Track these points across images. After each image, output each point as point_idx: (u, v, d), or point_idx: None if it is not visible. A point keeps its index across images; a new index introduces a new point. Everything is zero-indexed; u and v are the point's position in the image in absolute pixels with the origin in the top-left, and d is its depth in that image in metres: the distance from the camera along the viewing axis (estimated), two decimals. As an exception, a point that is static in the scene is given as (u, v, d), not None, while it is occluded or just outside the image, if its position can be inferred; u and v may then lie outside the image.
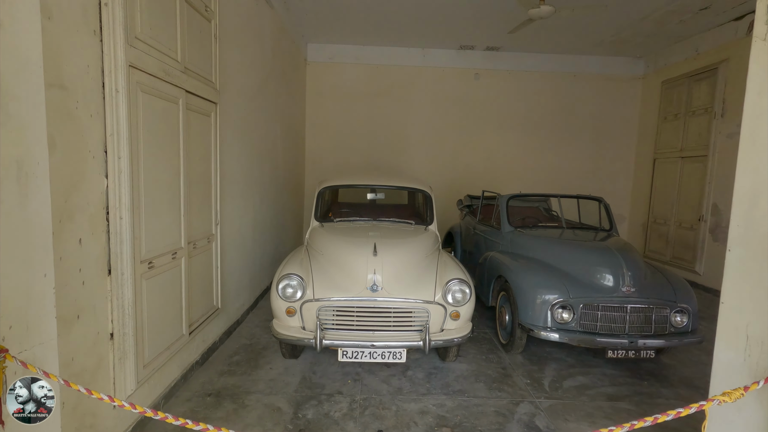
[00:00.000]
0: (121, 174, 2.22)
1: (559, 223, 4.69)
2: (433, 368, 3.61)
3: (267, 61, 5.28)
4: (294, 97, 7.07)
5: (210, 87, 3.38)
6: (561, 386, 3.39)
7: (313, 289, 3.18)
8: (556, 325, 3.47)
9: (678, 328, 3.48)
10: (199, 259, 3.29)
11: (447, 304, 3.20)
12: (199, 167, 3.26)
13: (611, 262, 3.54)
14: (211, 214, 3.55)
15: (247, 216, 4.63)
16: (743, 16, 5.96)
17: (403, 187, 4.59)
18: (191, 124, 3.06)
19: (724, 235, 6.24)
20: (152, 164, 2.53)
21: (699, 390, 3.39)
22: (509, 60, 8.16)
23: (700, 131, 6.71)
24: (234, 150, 4.11)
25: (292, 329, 3.20)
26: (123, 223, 2.24)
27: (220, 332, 3.88)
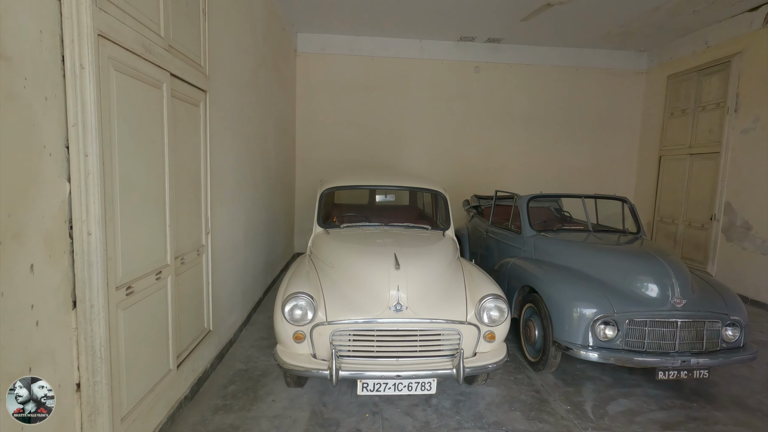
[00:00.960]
0: (88, 176, 1.70)
1: (585, 225, 4.31)
2: (459, 394, 3.17)
3: (259, 48, 4.74)
4: (285, 89, 6.53)
5: (199, 72, 2.86)
6: (606, 412, 3.00)
7: (325, 310, 2.69)
8: (598, 343, 3.08)
9: (730, 343, 3.14)
10: (188, 275, 2.77)
11: (481, 324, 2.76)
12: (187, 166, 2.74)
13: (658, 271, 3.17)
14: (201, 221, 3.03)
15: (239, 221, 4.10)
16: (759, 7, 5.72)
17: (416, 187, 4.13)
18: (178, 115, 2.54)
19: (739, 234, 6.04)
20: (130, 163, 2.01)
21: (755, 412, 3.05)
22: (510, 53, 7.79)
23: (711, 127, 6.47)
24: (225, 146, 3.58)
25: (300, 358, 2.71)
26: (92, 241, 1.72)
27: (211, 357, 3.35)
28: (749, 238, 5.81)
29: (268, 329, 4.31)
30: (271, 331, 4.23)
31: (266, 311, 4.84)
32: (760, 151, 5.70)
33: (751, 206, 5.80)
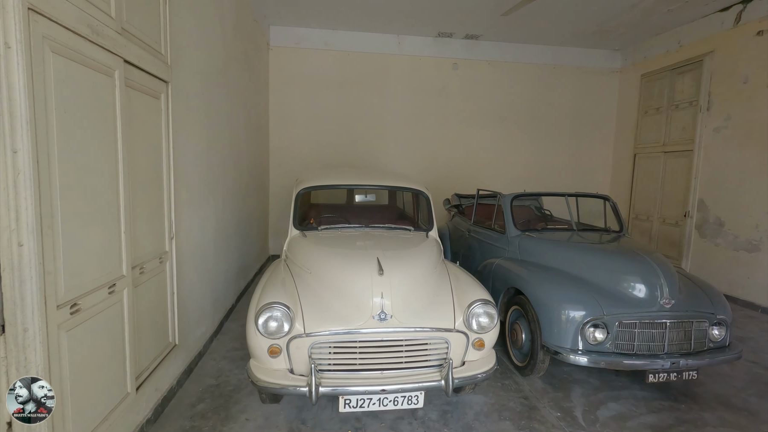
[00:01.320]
0: (18, 176, 1.43)
1: (568, 224, 4.24)
2: (446, 404, 3.01)
3: (228, 39, 4.45)
4: (257, 85, 6.22)
5: (159, 60, 2.58)
6: (597, 418, 2.91)
7: (303, 321, 2.47)
8: (587, 347, 2.98)
9: (716, 342, 3.10)
10: (148, 286, 2.50)
11: (470, 331, 2.61)
12: (146, 165, 2.46)
13: (646, 271, 3.10)
14: (164, 225, 2.75)
15: (208, 224, 3.81)
16: (730, 7, 5.82)
17: (397, 186, 3.94)
18: (134, 107, 2.27)
19: (712, 231, 6.15)
20: (74, 161, 1.74)
21: (741, 412, 3.03)
22: (488, 50, 7.72)
23: (684, 125, 6.57)
24: (192, 143, 3.29)
25: (276, 374, 2.48)
26: (24, 253, 1.46)
27: (177, 373, 3.07)
28: (722, 235, 5.92)
29: (242, 338, 4.04)
30: (244, 341, 3.98)
31: (239, 319, 4.57)
32: (732, 149, 5.81)
33: (724, 203, 5.91)
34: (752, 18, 5.54)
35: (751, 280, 5.48)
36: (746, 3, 5.61)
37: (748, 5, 5.59)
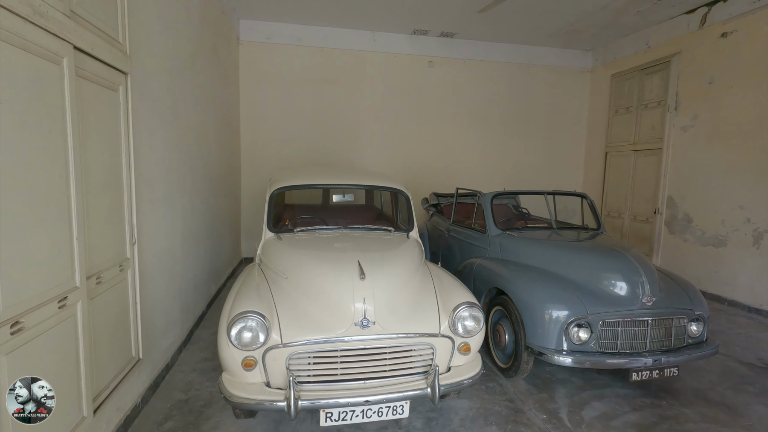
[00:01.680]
0: (-59, 177, 1.22)
1: (548, 223, 4.22)
2: (430, 411, 2.91)
3: (195, 31, 4.20)
4: (227, 80, 5.95)
5: (116, 49, 2.35)
6: (582, 419, 2.87)
7: (279, 331, 2.31)
8: (572, 347, 2.95)
9: (694, 338, 3.14)
10: (107, 297, 2.27)
11: (456, 335, 2.51)
12: (103, 164, 2.24)
13: (628, 269, 3.09)
14: (125, 229, 2.52)
15: (176, 227, 3.57)
16: (695, 9, 5.99)
17: (377, 186, 3.81)
18: (88, 100, 2.05)
19: (680, 227, 6.33)
20: (12, 158, 1.52)
21: (719, 406, 3.07)
22: (463, 48, 7.69)
23: (653, 124, 6.74)
24: (156, 140, 3.06)
25: (251, 388, 2.31)
26: (-50, 266, 1.24)
27: (142, 389, 2.84)
28: (690, 230, 6.10)
29: (213, 347, 3.82)
30: (215, 350, 3.72)
31: (211, 326, 4.33)
32: (699, 148, 5.99)
33: (691, 200, 6.08)
34: (716, 20, 5.71)
35: (718, 274, 5.66)
36: (711, 6, 5.79)
37: (713, 8, 5.76)
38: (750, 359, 3.89)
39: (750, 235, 5.28)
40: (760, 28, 5.19)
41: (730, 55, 5.54)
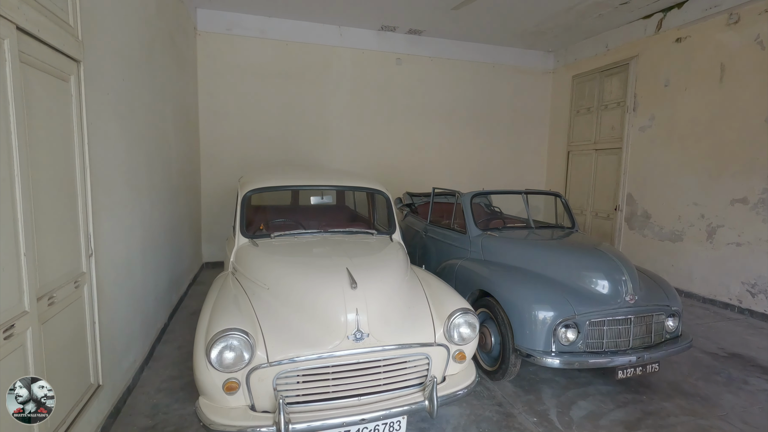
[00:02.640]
0: None
1: (525, 222, 4.23)
2: (422, 420, 2.80)
3: (151, 17, 3.83)
4: (185, 73, 5.54)
5: (66, 33, 2.04)
6: (571, 420, 2.87)
7: (265, 349, 2.10)
8: (560, 348, 2.94)
9: (671, 333, 3.23)
10: (61, 319, 1.97)
11: (452, 343, 2.41)
12: (53, 165, 1.93)
13: (610, 268, 3.12)
14: (80, 240, 2.20)
15: (135, 234, 3.23)
16: (652, 15, 6.26)
17: (356, 187, 3.65)
18: (34, 90, 1.74)
19: (639, 223, 6.62)
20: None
21: (694, 397, 3.18)
22: (431, 46, 7.65)
23: (613, 124, 7.01)
24: (112, 137, 2.72)
25: (234, 413, 2.08)
26: None
27: (102, 418, 2.51)
28: (648, 226, 6.39)
29: (179, 364, 3.51)
30: (182, 367, 3.46)
31: (174, 340, 3.99)
32: (656, 147, 6.28)
33: (650, 197, 6.38)
34: (672, 26, 6.00)
35: (675, 268, 5.97)
36: (666, 12, 6.07)
37: (668, 14, 6.05)
38: (712, 349, 4.10)
39: (704, 230, 5.59)
40: (711, 34, 5.49)
41: (684, 60, 5.84)
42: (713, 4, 5.43)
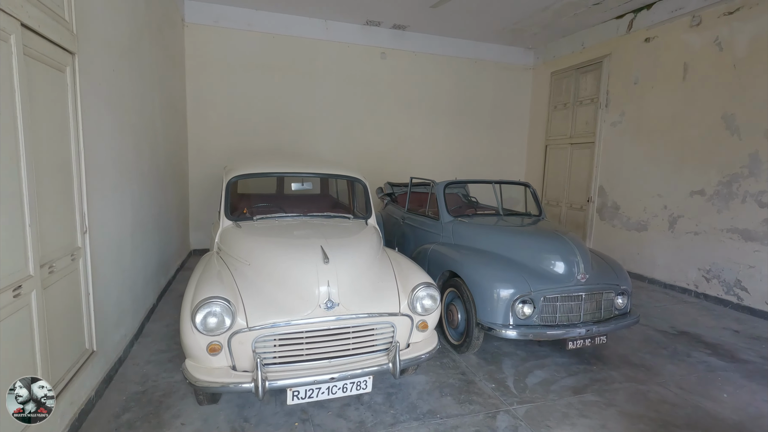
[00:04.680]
0: None
1: (495, 210, 4.52)
2: (390, 387, 3.08)
3: (140, 10, 3.99)
4: (172, 64, 5.69)
5: (63, 27, 2.24)
6: (526, 386, 3.18)
7: (245, 315, 2.35)
8: (517, 321, 3.24)
9: (620, 310, 3.55)
10: (60, 287, 2.19)
11: (415, 313, 2.68)
12: (52, 148, 2.14)
13: (565, 250, 3.42)
14: (75, 218, 2.42)
15: (125, 216, 3.44)
16: (623, 15, 6.56)
17: (335, 174, 3.89)
18: (36, 81, 1.95)
19: (609, 214, 6.97)
20: (-36, 141, 1.45)
21: (640, 368, 3.51)
22: (415, 41, 7.87)
23: (587, 120, 7.33)
24: (104, 125, 2.93)
25: (217, 372, 2.34)
26: None
27: (96, 383, 2.75)
28: (618, 217, 6.74)
29: (167, 339, 3.74)
30: (170, 342, 3.70)
31: (162, 319, 4.21)
32: (625, 142, 6.61)
33: (619, 189, 6.72)
34: (641, 26, 6.30)
35: (640, 255, 6.33)
36: (636, 13, 6.37)
37: (638, 15, 6.35)
38: (664, 327, 4.45)
39: (666, 220, 5.95)
40: (677, 35, 5.81)
41: (652, 59, 6.15)
42: (678, 7, 5.74)
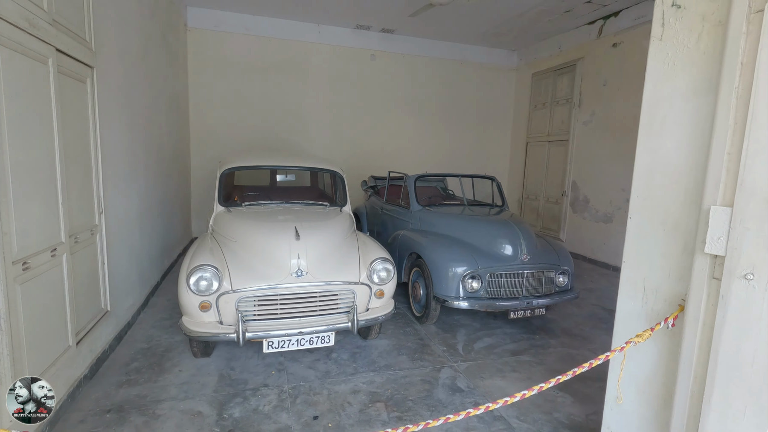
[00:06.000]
0: (-22, 152, 1.72)
1: (461, 200, 5.05)
2: (356, 348, 3.64)
3: (146, 21, 4.54)
4: (176, 67, 6.25)
5: (84, 47, 2.79)
6: (473, 349, 3.73)
7: (230, 280, 2.92)
8: (467, 294, 3.78)
9: (561, 287, 4.07)
10: (82, 254, 2.76)
11: (372, 283, 3.23)
12: (76, 145, 2.69)
13: (511, 234, 3.95)
14: (94, 200, 2.99)
15: (133, 202, 4.01)
16: (594, 21, 7.03)
17: (314, 167, 4.44)
18: (65, 92, 2.50)
19: (581, 207, 7.48)
20: (19, 140, 2.01)
21: (577, 337, 4.04)
22: (403, 43, 8.37)
23: (562, 119, 7.81)
24: (115, 125, 3.49)
25: (207, 325, 2.91)
26: (-14, 215, 1.75)
27: (109, 338, 3.33)
28: (588, 210, 7.24)
29: (169, 310, 4.32)
30: (172, 312, 4.29)
31: (165, 294, 4.79)
32: (596, 139, 7.10)
33: (590, 184, 7.21)
34: (610, 32, 6.77)
35: (606, 245, 6.84)
36: (606, 19, 6.84)
37: (607, 21, 6.81)
38: (611, 306, 4.96)
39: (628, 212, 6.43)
40: (640, 41, 6.27)
41: (619, 62, 6.62)
42: (641, 14, 6.20)
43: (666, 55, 1.75)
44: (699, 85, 1.60)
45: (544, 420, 2.76)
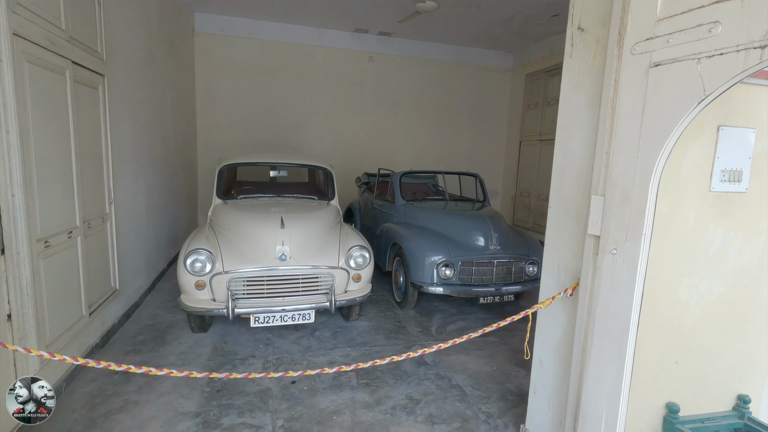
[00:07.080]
0: (10, 149, 2.13)
1: (444, 196, 5.39)
2: (338, 327, 4.02)
3: (153, 29, 4.97)
4: (183, 70, 6.69)
5: (96, 58, 3.21)
6: (445, 331, 4.08)
7: (222, 263, 3.31)
8: (440, 281, 4.13)
9: (530, 276, 4.39)
10: (94, 238, 3.18)
11: (350, 268, 3.60)
12: (89, 143, 3.11)
13: (482, 227, 4.29)
14: (104, 192, 3.41)
15: (140, 195, 4.44)
16: (583, 25, 7.27)
17: (305, 164, 4.82)
18: (79, 98, 2.92)
19: (569, 204, 7.74)
20: (43, 139, 2.42)
21: (544, 322, 4.36)
22: (400, 46, 8.70)
23: (553, 118, 8.05)
24: (124, 126, 3.91)
25: (202, 301, 3.31)
26: (16, 201, 2.17)
27: (119, 315, 3.77)
28: (575, 207, 7.49)
29: (174, 293, 4.75)
30: (176, 295, 4.69)
31: (171, 280, 5.23)
32: (583, 139, 7.34)
33: (577, 182, 7.46)
34: (596, 35, 7.01)
35: (591, 241, 7.09)
36: (593, 22, 7.07)
37: (594, 24, 7.05)
38: (586, 297, 5.26)
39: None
40: (624, 44, 6.51)
41: (605, 65, 6.86)
42: (624, 19, 6.44)
43: (574, 71, 2.08)
44: (594, 97, 1.93)
45: (495, 388, 3.11)
